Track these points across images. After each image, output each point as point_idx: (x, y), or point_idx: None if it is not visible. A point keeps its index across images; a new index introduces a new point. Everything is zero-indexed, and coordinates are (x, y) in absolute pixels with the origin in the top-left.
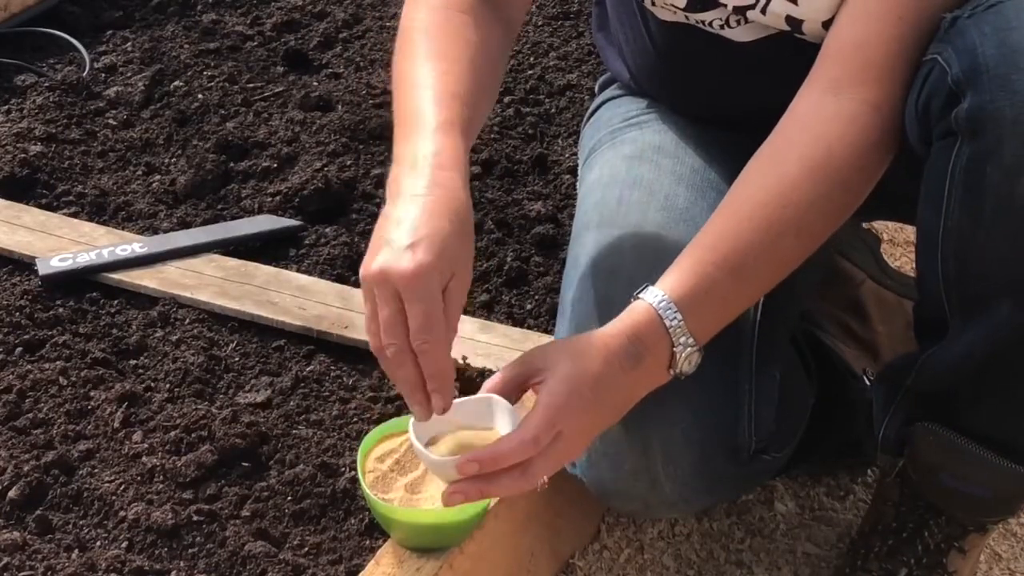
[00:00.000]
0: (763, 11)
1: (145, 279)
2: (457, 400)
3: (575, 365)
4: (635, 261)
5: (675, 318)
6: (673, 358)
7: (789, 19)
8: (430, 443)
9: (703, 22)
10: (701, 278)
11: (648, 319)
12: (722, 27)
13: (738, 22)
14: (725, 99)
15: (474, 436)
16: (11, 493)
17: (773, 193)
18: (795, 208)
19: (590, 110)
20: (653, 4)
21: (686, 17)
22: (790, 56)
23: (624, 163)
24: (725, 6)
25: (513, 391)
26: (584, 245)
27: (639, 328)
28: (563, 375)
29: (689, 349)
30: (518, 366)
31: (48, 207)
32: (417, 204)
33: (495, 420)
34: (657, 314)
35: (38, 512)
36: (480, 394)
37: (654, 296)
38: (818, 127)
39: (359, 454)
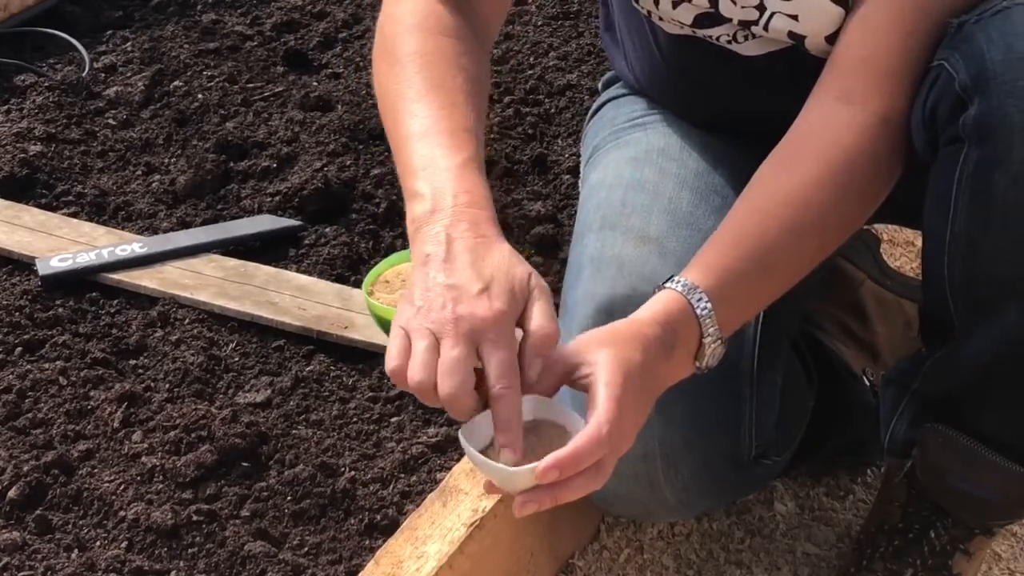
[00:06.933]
0: (765, 28)
1: (145, 279)
2: None
3: (623, 355)
4: (638, 264)
5: (705, 307)
6: (700, 349)
7: (791, 35)
8: (484, 452)
9: (711, 37)
10: (728, 271)
11: (679, 307)
12: (730, 42)
13: (745, 37)
14: (733, 108)
15: (533, 441)
16: (11, 493)
17: (795, 194)
18: (817, 210)
19: (594, 107)
20: (660, 20)
21: (693, 32)
22: (800, 68)
23: (627, 165)
24: (731, 21)
25: (553, 389)
26: (586, 247)
27: (671, 316)
28: (616, 367)
29: (717, 341)
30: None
31: (48, 207)
32: (467, 245)
33: (558, 419)
34: (688, 302)
35: (38, 512)
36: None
37: (683, 286)
38: (833, 134)
39: (368, 277)
